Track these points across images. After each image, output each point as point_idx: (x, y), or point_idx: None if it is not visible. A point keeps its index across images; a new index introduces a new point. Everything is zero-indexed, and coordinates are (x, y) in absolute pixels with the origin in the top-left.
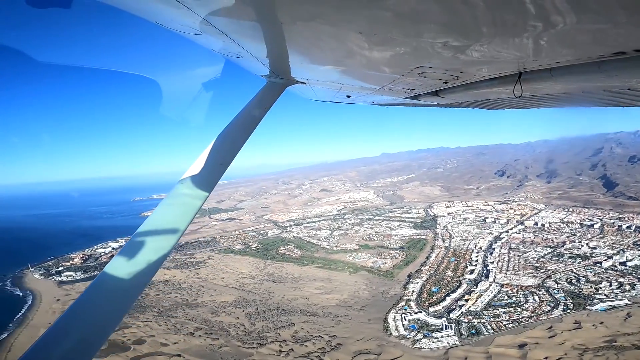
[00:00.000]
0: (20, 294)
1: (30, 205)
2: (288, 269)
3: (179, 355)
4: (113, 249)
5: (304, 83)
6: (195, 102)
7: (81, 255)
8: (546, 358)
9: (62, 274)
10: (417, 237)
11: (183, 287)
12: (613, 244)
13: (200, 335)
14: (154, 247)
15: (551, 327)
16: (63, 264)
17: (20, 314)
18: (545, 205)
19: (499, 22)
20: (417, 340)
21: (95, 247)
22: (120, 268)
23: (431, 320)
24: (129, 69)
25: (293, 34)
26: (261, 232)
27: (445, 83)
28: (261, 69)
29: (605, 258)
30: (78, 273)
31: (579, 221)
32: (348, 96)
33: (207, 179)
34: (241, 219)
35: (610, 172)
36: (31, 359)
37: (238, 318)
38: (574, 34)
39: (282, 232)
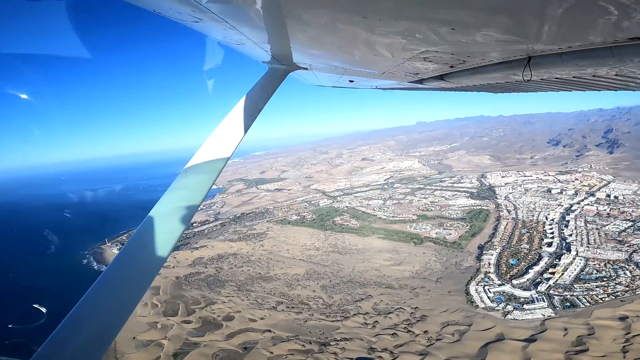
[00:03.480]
0: None
1: (91, 180)
2: (350, 240)
3: (269, 331)
4: None
5: (306, 69)
6: (197, 90)
7: None
8: None
9: None
10: (478, 207)
11: (252, 259)
12: None
13: (283, 310)
14: (162, 234)
15: None
16: None
17: None
18: (614, 177)
19: (509, 5)
20: (508, 312)
21: None
22: (134, 254)
23: (518, 293)
24: (129, 59)
25: (295, 19)
26: (312, 202)
27: (452, 67)
28: (263, 55)
29: None
30: None
31: None
32: (351, 81)
33: (212, 166)
34: (289, 189)
35: None
36: (47, 355)
37: (314, 291)
38: (589, 18)
39: (333, 202)
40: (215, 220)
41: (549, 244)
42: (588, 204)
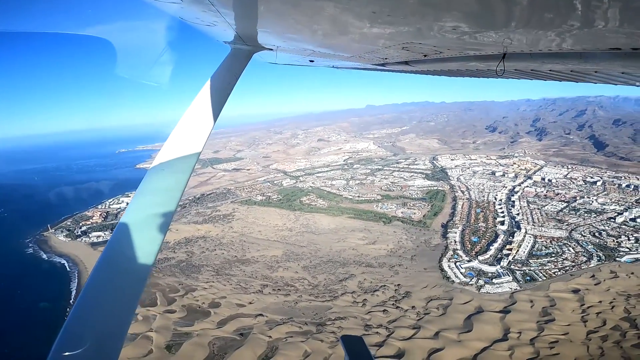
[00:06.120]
0: (63, 262)
1: (14, 160)
2: (321, 220)
3: (262, 315)
4: (127, 204)
5: (271, 49)
6: (151, 68)
7: (99, 213)
8: (600, 302)
9: (89, 235)
10: (434, 188)
11: (224, 242)
12: (618, 201)
13: (270, 293)
14: (152, 222)
15: (593, 275)
16: (83, 222)
17: (76, 286)
18: (545, 162)
19: (500, 3)
20: (481, 286)
21: (108, 202)
22: (115, 266)
23: (485, 268)
24: (81, 30)
25: None
26: (274, 182)
27: (425, 56)
28: (225, 34)
29: (616, 214)
30: (106, 232)
31: (581, 178)
32: (311, 60)
33: (185, 162)
34: (248, 169)
35: (598, 133)
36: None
37: (297, 272)
38: (563, 29)
39: (296, 182)
40: None
41: (502, 223)
42: (527, 186)
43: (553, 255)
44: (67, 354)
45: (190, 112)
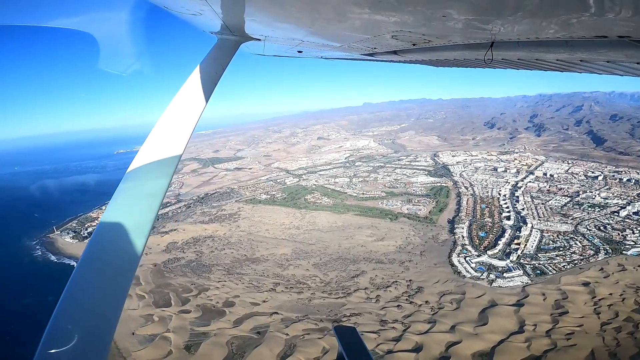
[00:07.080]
0: (73, 264)
1: (10, 163)
2: (327, 218)
3: (277, 313)
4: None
5: (259, 39)
6: (135, 61)
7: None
8: (610, 294)
9: None
10: (438, 184)
11: (232, 241)
12: (620, 195)
13: (282, 291)
14: (134, 220)
15: (602, 268)
16: (89, 224)
17: None
18: (546, 157)
19: None
20: (492, 280)
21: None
22: (107, 247)
23: (495, 262)
24: (63, 24)
25: None
26: (277, 180)
27: (414, 45)
28: (212, 24)
29: (619, 208)
30: None
31: (582, 173)
32: (299, 51)
33: (172, 146)
34: (250, 168)
35: (596, 129)
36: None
37: (308, 270)
38: (549, 17)
39: (299, 180)
40: (178, 202)
41: (508, 218)
42: (530, 182)
43: (561, 249)
44: (53, 351)
45: (175, 105)
